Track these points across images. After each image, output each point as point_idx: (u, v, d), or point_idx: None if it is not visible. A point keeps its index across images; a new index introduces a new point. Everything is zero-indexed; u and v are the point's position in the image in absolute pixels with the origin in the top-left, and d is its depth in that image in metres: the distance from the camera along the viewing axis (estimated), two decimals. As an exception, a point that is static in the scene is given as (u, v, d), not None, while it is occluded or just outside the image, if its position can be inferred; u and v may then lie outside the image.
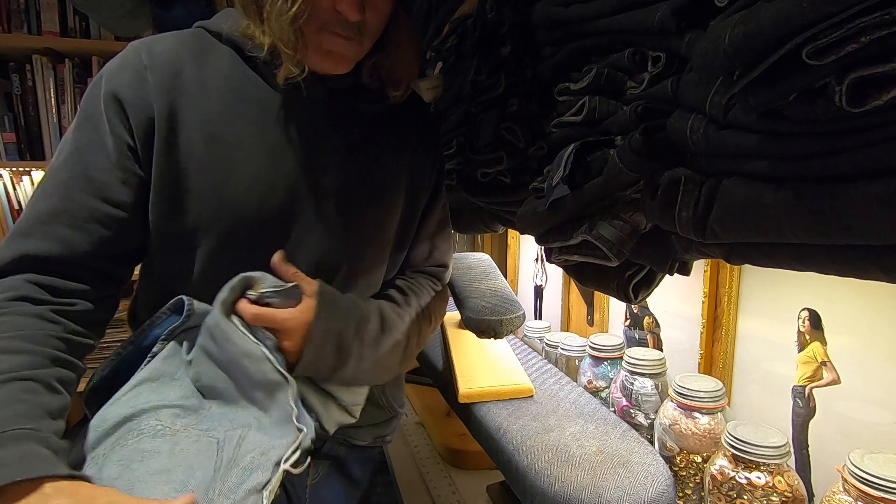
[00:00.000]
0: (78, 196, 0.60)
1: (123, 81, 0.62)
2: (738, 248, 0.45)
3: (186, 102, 0.63)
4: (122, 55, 0.65)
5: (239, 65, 0.66)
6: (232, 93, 0.65)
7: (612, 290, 0.64)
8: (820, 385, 0.72)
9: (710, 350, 0.89)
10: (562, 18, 0.63)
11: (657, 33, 0.50)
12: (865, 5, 0.29)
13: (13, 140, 1.77)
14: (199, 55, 0.65)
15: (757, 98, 0.37)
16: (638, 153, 0.50)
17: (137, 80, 0.62)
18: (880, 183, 0.33)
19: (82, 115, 0.63)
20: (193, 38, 0.67)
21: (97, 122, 0.62)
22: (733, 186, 0.42)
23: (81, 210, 0.60)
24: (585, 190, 0.57)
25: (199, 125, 0.63)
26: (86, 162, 0.61)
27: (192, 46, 0.66)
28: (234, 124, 0.64)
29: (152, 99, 0.62)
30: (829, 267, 0.39)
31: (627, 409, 0.92)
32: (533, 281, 1.54)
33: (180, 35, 0.67)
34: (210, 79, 0.64)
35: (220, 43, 0.66)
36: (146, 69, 0.63)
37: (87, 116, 0.63)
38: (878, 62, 0.30)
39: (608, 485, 0.69)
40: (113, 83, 0.62)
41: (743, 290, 0.84)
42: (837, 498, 0.60)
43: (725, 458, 0.69)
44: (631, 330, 1.11)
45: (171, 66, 0.63)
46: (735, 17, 0.37)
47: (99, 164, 0.61)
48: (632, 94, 0.55)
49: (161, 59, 0.64)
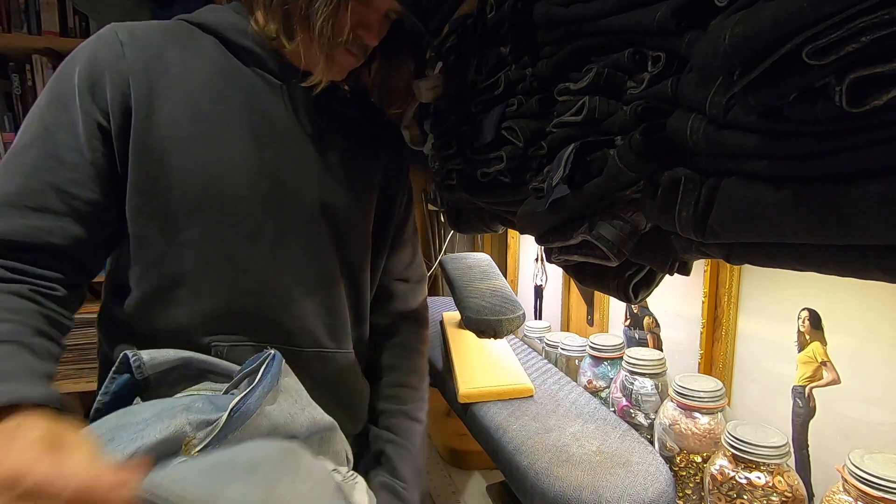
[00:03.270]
0: (47, 178, 0.58)
1: (99, 58, 0.61)
2: (738, 248, 0.45)
3: (169, 80, 0.63)
4: (98, 34, 0.64)
5: (224, 54, 0.67)
6: (218, 77, 0.66)
7: (612, 290, 0.64)
8: (820, 385, 0.72)
9: (710, 350, 0.89)
10: (562, 18, 0.63)
11: (657, 33, 0.50)
12: (865, 5, 0.29)
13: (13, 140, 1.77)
14: (182, 40, 0.66)
15: (757, 98, 0.37)
16: (638, 153, 0.50)
17: (114, 58, 0.61)
18: (880, 183, 0.33)
19: (53, 93, 0.61)
20: (175, 25, 0.68)
21: (68, 101, 0.60)
22: (733, 186, 0.42)
23: (50, 192, 0.58)
24: (585, 190, 0.57)
25: (183, 103, 0.63)
26: (55, 142, 0.59)
27: (173, 32, 0.67)
28: (220, 105, 0.65)
29: (129, 76, 0.61)
30: (829, 267, 0.39)
31: (627, 409, 0.92)
32: (533, 281, 1.54)
33: (160, 22, 0.68)
34: (194, 61, 0.65)
35: (204, 33, 0.68)
36: (123, 46, 0.62)
37: (58, 96, 0.61)
38: (878, 62, 0.30)
39: (608, 485, 0.69)
40: (87, 61, 0.61)
41: (743, 290, 0.84)
42: (837, 498, 0.60)
43: (725, 458, 0.69)
44: (631, 330, 1.11)
45: (151, 46, 0.63)
46: (735, 17, 0.37)
47: (68, 144, 0.59)
48: (632, 94, 0.55)
49: (141, 38, 0.63)
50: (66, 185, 0.59)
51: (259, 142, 0.66)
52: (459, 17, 0.93)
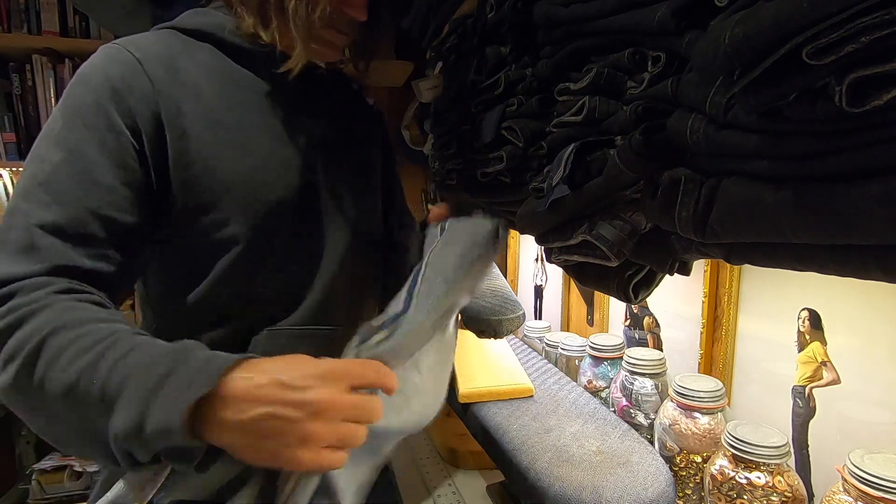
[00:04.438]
0: (86, 203, 0.55)
1: (119, 76, 0.59)
2: (738, 248, 0.45)
3: (187, 93, 0.63)
4: (105, 54, 0.61)
5: (221, 57, 0.67)
6: (224, 83, 0.66)
7: (612, 290, 0.64)
8: (820, 385, 0.72)
9: (710, 350, 0.89)
10: (562, 18, 0.63)
11: (657, 33, 0.50)
12: (865, 5, 0.29)
13: (13, 140, 1.77)
14: (185, 49, 0.65)
15: (757, 98, 0.37)
16: (638, 153, 0.50)
17: (133, 74, 0.59)
18: (880, 183, 0.33)
19: (70, 116, 0.58)
20: (169, 35, 0.66)
21: (90, 122, 0.57)
22: (733, 186, 0.42)
23: (92, 219, 0.55)
24: (585, 190, 0.57)
25: (203, 114, 0.63)
26: (86, 164, 0.56)
27: (173, 42, 0.65)
28: (233, 111, 0.65)
29: (154, 93, 0.60)
30: (829, 267, 0.39)
31: (627, 409, 0.92)
32: (533, 281, 1.54)
33: (154, 34, 0.66)
34: (199, 70, 0.65)
35: (195, 40, 0.67)
36: (141, 63, 0.60)
37: (78, 117, 0.57)
38: (878, 62, 0.30)
39: (608, 485, 0.69)
40: (105, 78, 0.58)
41: (743, 290, 0.84)
42: (837, 498, 0.60)
43: (725, 458, 0.69)
44: (631, 330, 1.11)
45: (165, 60, 0.62)
46: (735, 17, 0.37)
47: (101, 165, 0.56)
48: (632, 94, 0.55)
49: (153, 53, 0.62)
50: (105, 209, 0.56)
51: (277, 137, 0.68)
52: (459, 17, 0.93)
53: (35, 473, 1.76)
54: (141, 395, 0.45)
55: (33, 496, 1.74)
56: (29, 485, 1.75)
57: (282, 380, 0.46)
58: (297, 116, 0.71)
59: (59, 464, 1.77)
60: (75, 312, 0.50)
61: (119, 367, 0.46)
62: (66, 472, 1.75)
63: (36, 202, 0.54)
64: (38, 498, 1.74)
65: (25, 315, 0.48)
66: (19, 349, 0.47)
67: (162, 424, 0.43)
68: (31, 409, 0.49)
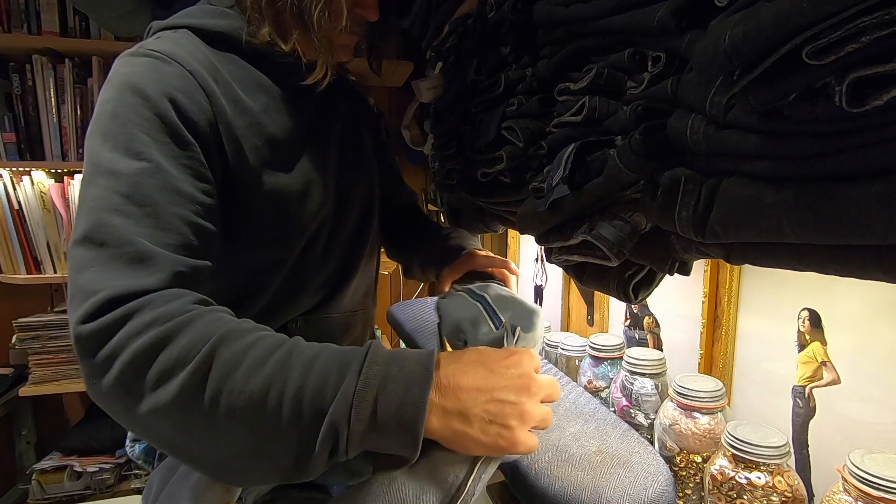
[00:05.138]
0: (177, 211, 0.53)
1: (174, 86, 0.56)
2: (738, 247, 0.45)
3: (230, 101, 0.62)
4: (151, 65, 0.57)
5: (244, 64, 0.67)
6: (254, 90, 0.67)
7: (612, 290, 0.65)
8: (820, 385, 0.72)
9: (710, 350, 0.89)
10: (562, 18, 0.63)
11: (657, 33, 0.50)
12: (865, 5, 0.29)
13: (13, 140, 1.77)
14: (216, 56, 0.64)
15: (757, 98, 0.37)
16: (638, 153, 0.50)
17: (187, 85, 0.57)
18: (880, 183, 0.33)
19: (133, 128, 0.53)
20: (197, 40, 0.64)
21: (157, 132, 0.54)
22: (733, 186, 0.42)
23: (186, 228, 0.53)
24: (585, 190, 0.57)
25: (248, 122, 0.64)
26: (164, 174, 0.53)
27: (204, 49, 0.63)
28: (270, 117, 0.67)
29: (209, 102, 0.59)
30: (829, 267, 0.39)
31: (627, 409, 0.92)
32: (533, 281, 1.54)
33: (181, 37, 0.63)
34: (232, 78, 0.64)
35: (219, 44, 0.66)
36: (192, 73, 0.58)
37: (139, 128, 0.53)
38: (878, 62, 0.30)
39: (608, 485, 0.69)
40: (162, 91, 0.55)
41: (743, 290, 0.84)
42: (837, 498, 0.60)
43: (725, 458, 0.69)
44: (631, 330, 1.11)
45: (208, 68, 0.61)
46: (735, 17, 0.37)
47: (178, 176, 0.54)
48: (632, 94, 0.55)
49: (197, 62, 0.60)
50: (195, 218, 0.54)
51: (313, 146, 0.72)
52: (459, 17, 0.93)
53: (35, 473, 1.76)
54: (370, 393, 0.44)
55: (33, 496, 1.75)
56: (29, 485, 1.75)
57: (485, 362, 0.49)
58: (316, 119, 0.73)
59: (59, 464, 1.77)
60: (228, 324, 0.47)
61: (316, 369, 0.45)
62: (66, 472, 1.75)
63: (125, 215, 0.50)
64: (38, 498, 1.75)
65: (173, 329, 0.45)
66: (179, 365, 0.43)
67: (409, 417, 0.43)
68: (190, 429, 0.44)
